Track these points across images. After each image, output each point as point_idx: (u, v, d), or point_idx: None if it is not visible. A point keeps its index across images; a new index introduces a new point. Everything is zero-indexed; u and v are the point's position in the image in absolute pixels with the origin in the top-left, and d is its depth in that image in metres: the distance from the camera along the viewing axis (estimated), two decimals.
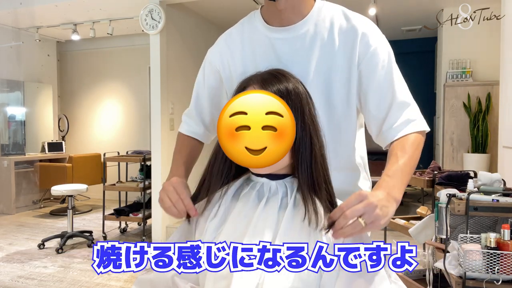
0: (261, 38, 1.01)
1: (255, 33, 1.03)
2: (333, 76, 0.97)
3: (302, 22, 0.98)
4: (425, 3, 4.40)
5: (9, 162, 5.17)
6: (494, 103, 4.11)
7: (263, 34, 1.01)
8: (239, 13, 1.17)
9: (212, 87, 1.09)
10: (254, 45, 1.02)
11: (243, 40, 1.04)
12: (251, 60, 1.02)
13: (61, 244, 3.66)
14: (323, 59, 0.97)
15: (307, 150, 0.84)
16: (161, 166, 3.96)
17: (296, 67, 0.96)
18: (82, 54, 6.31)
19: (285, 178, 0.88)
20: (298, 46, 0.98)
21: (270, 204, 0.84)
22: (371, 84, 0.96)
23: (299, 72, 0.94)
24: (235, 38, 1.05)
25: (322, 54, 0.97)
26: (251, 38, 1.03)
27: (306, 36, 0.98)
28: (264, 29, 1.01)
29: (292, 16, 0.98)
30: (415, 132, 0.93)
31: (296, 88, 0.86)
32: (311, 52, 0.98)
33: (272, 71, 0.89)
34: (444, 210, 1.80)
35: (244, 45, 1.03)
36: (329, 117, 0.99)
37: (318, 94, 0.96)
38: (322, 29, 0.98)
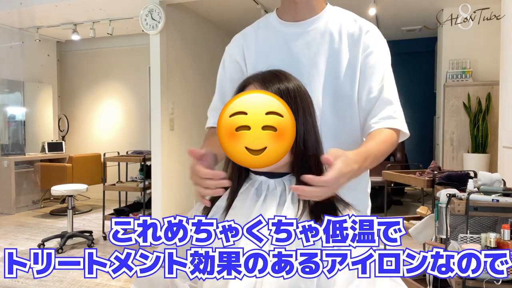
0: (275, 32, 1.11)
1: (269, 29, 1.12)
2: (340, 68, 1.05)
3: (313, 18, 1.08)
4: (425, 3, 4.40)
5: (9, 162, 5.17)
6: (494, 103, 4.11)
7: (276, 29, 1.11)
8: (239, 13, 1.20)
9: (233, 78, 1.11)
10: (268, 38, 1.11)
11: (258, 35, 1.13)
12: (264, 52, 1.10)
13: (61, 244, 3.66)
14: (331, 53, 1.06)
15: (307, 149, 0.85)
16: (161, 166, 3.96)
17: (306, 59, 1.05)
18: (82, 54, 6.30)
19: (283, 176, 0.88)
20: (309, 40, 1.07)
21: (269, 201, 0.85)
22: (366, 78, 1.05)
23: (308, 63, 1.04)
24: (250, 32, 1.15)
25: (330, 48, 1.06)
26: (265, 33, 1.12)
27: (317, 32, 1.07)
28: (278, 24, 1.11)
29: (305, 12, 1.08)
30: (392, 128, 0.99)
31: (297, 87, 0.87)
32: (320, 46, 1.06)
33: (273, 70, 0.90)
34: (444, 210, 1.80)
35: (259, 39, 1.12)
36: (335, 107, 1.06)
37: (326, 84, 1.05)
38: (332, 26, 1.07)
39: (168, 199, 4.08)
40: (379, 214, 3.17)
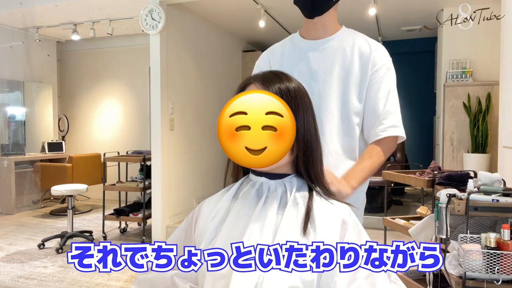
0: (296, 47, 1.35)
1: (293, 45, 1.37)
2: (349, 80, 1.26)
3: (329, 37, 1.31)
4: (425, 3, 4.39)
5: (9, 162, 5.17)
6: (494, 103, 4.11)
7: (299, 46, 1.35)
8: (239, 13, 1.26)
9: None
10: (291, 53, 1.35)
11: (284, 49, 1.38)
12: (287, 64, 1.33)
13: (61, 244, 3.66)
14: (343, 66, 1.27)
15: (307, 149, 0.85)
16: (161, 166, 3.96)
17: (321, 70, 1.28)
18: (82, 54, 6.31)
19: (284, 178, 0.88)
20: (325, 54, 1.29)
21: (269, 202, 0.85)
22: (373, 90, 1.26)
23: (323, 73, 1.27)
24: (277, 48, 1.40)
25: (343, 62, 1.27)
26: (290, 48, 1.36)
27: (332, 48, 1.29)
28: (300, 42, 1.35)
29: (322, 32, 1.31)
30: (392, 135, 1.24)
31: (297, 87, 0.87)
32: (334, 59, 1.28)
33: (274, 71, 0.90)
34: (444, 210, 1.80)
35: (284, 51, 1.37)
36: (342, 112, 1.27)
37: (336, 92, 1.26)
38: (345, 45, 1.29)
39: (168, 199, 4.08)
40: (379, 214, 3.20)
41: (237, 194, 0.91)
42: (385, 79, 1.25)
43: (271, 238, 0.79)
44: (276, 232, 0.80)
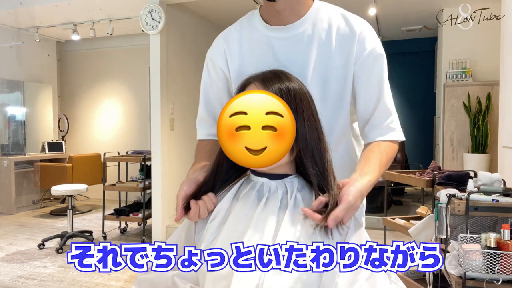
0: (260, 37, 1.03)
1: (254, 32, 1.04)
2: (329, 75, 1.00)
3: (300, 21, 1.00)
4: (425, 3, 4.39)
5: (9, 162, 5.17)
6: (494, 103, 4.11)
7: (261, 33, 1.02)
8: (239, 13, 1.16)
9: (219, 86, 1.08)
10: (252, 43, 1.03)
11: (241, 38, 1.05)
12: (248, 58, 1.03)
13: (61, 244, 3.66)
14: (320, 58, 0.99)
15: (308, 148, 0.84)
16: (161, 166, 3.96)
17: (293, 66, 0.97)
18: (82, 54, 6.30)
19: (285, 178, 0.88)
20: (296, 45, 1.00)
21: (270, 204, 0.84)
22: (362, 85, 1.00)
23: (297, 70, 0.95)
24: (234, 35, 1.06)
25: (319, 54, 0.99)
26: (250, 37, 1.04)
27: (304, 36, 1.00)
28: (263, 28, 1.02)
29: (290, 16, 1.00)
30: (392, 140, 0.99)
31: (298, 87, 0.86)
32: (308, 52, 0.99)
33: (274, 70, 0.90)
34: (444, 210, 1.80)
35: (242, 42, 1.05)
36: (325, 110, 1.01)
37: (315, 90, 0.98)
38: (320, 29, 1.00)
39: (168, 199, 4.08)
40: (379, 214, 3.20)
41: (237, 194, 0.90)
42: (375, 71, 0.99)
43: (272, 241, 0.78)
44: (277, 233, 0.79)
